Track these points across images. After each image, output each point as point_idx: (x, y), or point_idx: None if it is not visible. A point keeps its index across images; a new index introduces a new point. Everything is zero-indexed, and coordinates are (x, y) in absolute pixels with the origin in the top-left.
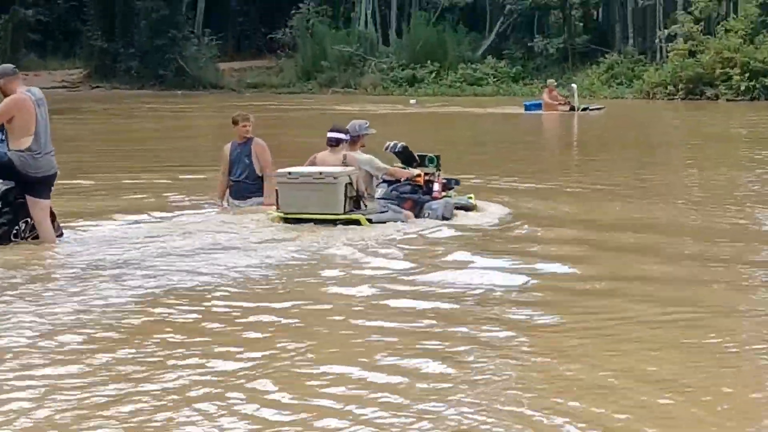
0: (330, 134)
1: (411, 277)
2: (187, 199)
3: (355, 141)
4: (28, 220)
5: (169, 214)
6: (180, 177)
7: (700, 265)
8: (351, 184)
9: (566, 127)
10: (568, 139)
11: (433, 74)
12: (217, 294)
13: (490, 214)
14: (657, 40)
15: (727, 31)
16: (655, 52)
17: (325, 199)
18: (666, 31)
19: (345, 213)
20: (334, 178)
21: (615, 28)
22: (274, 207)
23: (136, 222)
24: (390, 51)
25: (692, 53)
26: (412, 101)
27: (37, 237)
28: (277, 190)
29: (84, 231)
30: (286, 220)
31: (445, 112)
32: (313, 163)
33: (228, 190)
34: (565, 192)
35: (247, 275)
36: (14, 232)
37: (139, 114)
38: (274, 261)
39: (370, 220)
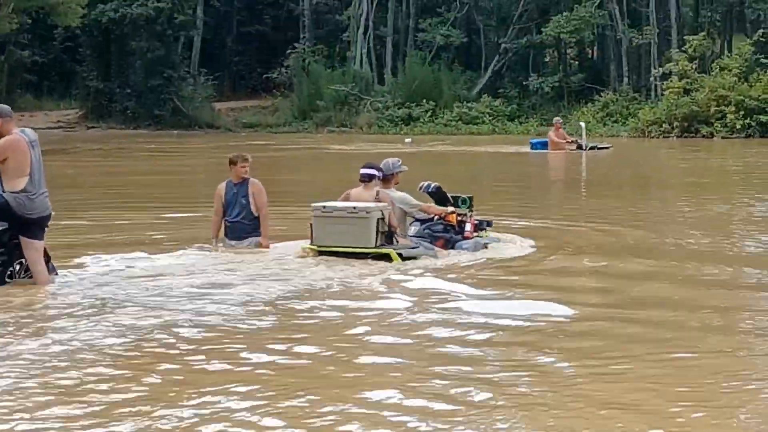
0: (363, 171)
1: (444, 306)
2: (181, 238)
3: (389, 179)
4: (23, 261)
5: (163, 254)
6: (174, 216)
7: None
8: (383, 219)
9: (578, 165)
10: (587, 178)
11: (429, 113)
12: (219, 331)
13: (518, 248)
14: (652, 79)
15: (721, 69)
16: (649, 91)
17: (357, 233)
18: (660, 70)
19: (376, 247)
20: (367, 212)
21: (610, 66)
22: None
23: (132, 261)
24: (385, 90)
25: (687, 91)
26: (407, 140)
27: (31, 278)
28: (311, 224)
29: (79, 270)
30: (320, 253)
31: (449, 151)
32: (347, 199)
33: (224, 230)
34: (588, 227)
35: (257, 308)
36: (9, 273)
37: (134, 154)
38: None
39: (400, 255)
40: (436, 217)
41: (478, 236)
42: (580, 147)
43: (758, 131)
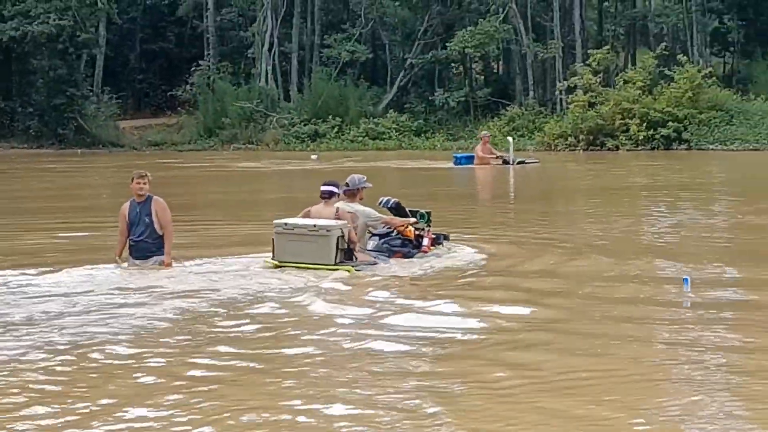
0: (323, 188)
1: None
2: (84, 257)
3: (354, 193)
4: None
5: (58, 272)
6: (76, 236)
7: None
8: (342, 236)
9: (518, 179)
10: (523, 191)
11: (335, 129)
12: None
13: (466, 259)
14: (557, 92)
15: (625, 82)
16: (555, 104)
17: (318, 250)
18: (565, 83)
19: (335, 264)
20: (327, 231)
21: (515, 80)
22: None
23: (32, 278)
24: (291, 107)
25: (592, 105)
26: (314, 156)
27: None
28: (273, 240)
29: None
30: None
31: (370, 167)
32: (307, 215)
33: (128, 250)
34: (531, 242)
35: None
36: None
37: (36, 173)
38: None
39: (359, 272)
40: (395, 232)
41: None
42: (506, 162)
43: (662, 143)
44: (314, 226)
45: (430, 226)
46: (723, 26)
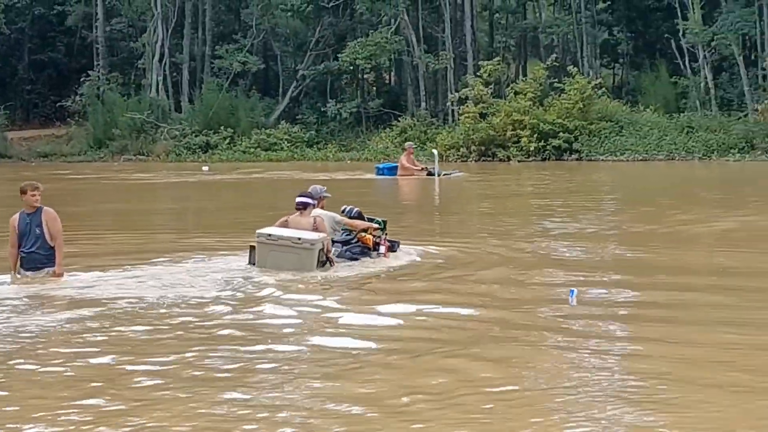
0: (299, 199)
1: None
2: None
3: (317, 202)
4: None
5: None
6: None
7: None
8: (323, 249)
9: (452, 189)
10: (458, 201)
11: (227, 140)
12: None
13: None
14: (448, 104)
15: (516, 93)
16: (447, 115)
17: (300, 261)
18: (457, 95)
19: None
20: (311, 244)
21: (407, 91)
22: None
23: None
24: (182, 118)
25: (483, 116)
26: (205, 168)
27: None
28: (254, 247)
29: None
30: None
31: (277, 178)
32: (284, 225)
33: (20, 261)
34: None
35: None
36: None
37: None
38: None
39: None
40: (355, 240)
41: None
42: (430, 174)
43: (553, 154)
44: (299, 239)
45: (386, 234)
46: (612, 38)
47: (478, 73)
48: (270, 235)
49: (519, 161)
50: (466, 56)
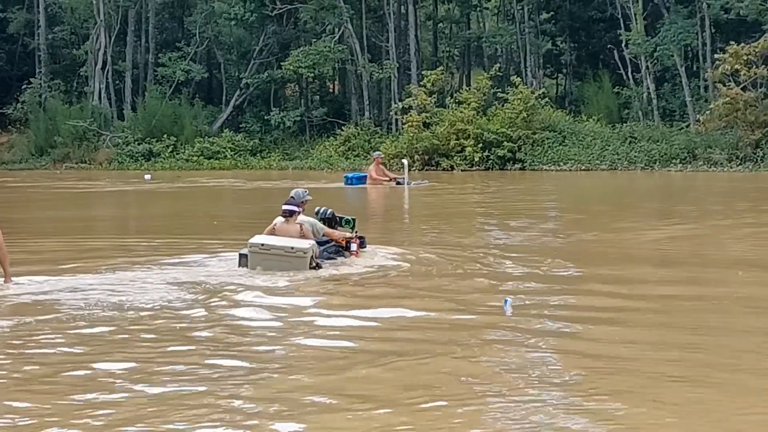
0: (285, 207)
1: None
2: None
3: (300, 205)
4: None
5: None
6: None
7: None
8: (313, 255)
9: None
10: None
11: (170, 148)
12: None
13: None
14: (392, 113)
15: (460, 103)
16: (390, 124)
17: (293, 267)
18: (400, 104)
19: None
20: (304, 252)
21: (351, 100)
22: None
23: None
24: (125, 125)
25: (427, 125)
26: (147, 176)
27: None
28: (245, 255)
29: None
30: None
31: (235, 187)
32: (272, 232)
33: None
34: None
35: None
36: None
37: None
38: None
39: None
40: (331, 241)
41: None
42: (399, 183)
43: (497, 164)
44: (292, 248)
45: (356, 231)
46: (556, 48)
47: (421, 83)
48: (263, 244)
49: (462, 170)
50: (409, 65)
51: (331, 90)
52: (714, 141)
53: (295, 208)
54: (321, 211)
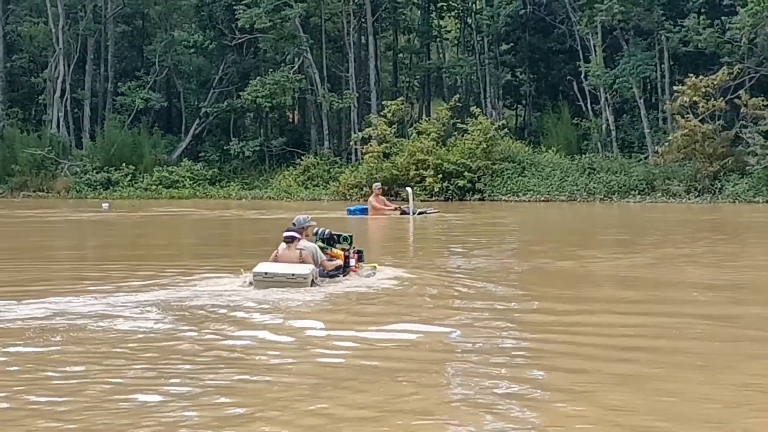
0: (286, 233)
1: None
2: None
3: (301, 231)
4: None
5: None
6: None
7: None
8: (314, 279)
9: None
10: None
11: (129, 177)
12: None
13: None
14: (352, 143)
15: (419, 133)
16: (350, 154)
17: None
18: (360, 134)
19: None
20: (304, 278)
21: (311, 130)
22: None
23: None
24: (84, 154)
25: (387, 155)
26: (105, 205)
27: None
28: (252, 283)
29: None
30: None
31: (220, 217)
32: (275, 258)
33: None
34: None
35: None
36: None
37: None
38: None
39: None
40: (329, 258)
41: (366, 266)
42: (404, 213)
43: (456, 194)
44: (293, 274)
45: (353, 246)
46: (515, 79)
47: (381, 113)
48: (266, 273)
49: (422, 201)
50: (369, 95)
51: (290, 119)
52: (672, 173)
53: (296, 234)
54: (320, 232)
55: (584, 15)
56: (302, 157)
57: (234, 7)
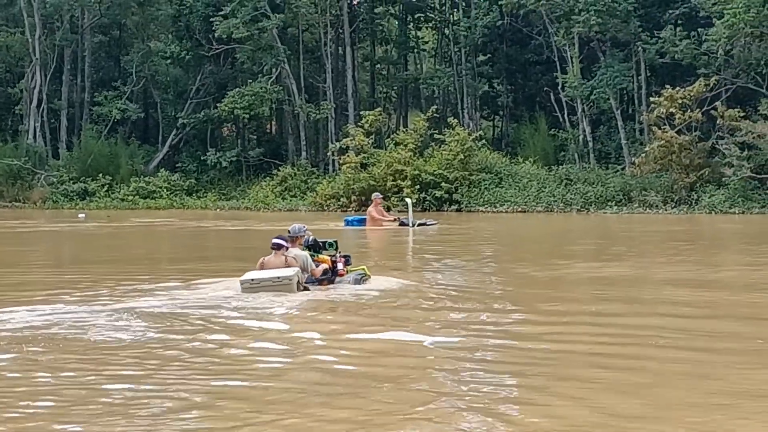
0: (274, 241)
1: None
2: None
3: (295, 240)
4: None
5: None
6: None
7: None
8: (299, 281)
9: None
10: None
11: (106, 188)
12: None
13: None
14: (329, 153)
15: (397, 144)
16: (327, 165)
17: (285, 293)
18: (338, 144)
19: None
20: (289, 279)
21: (288, 140)
22: None
23: None
24: (60, 164)
25: (364, 166)
26: (81, 215)
27: None
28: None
29: None
30: None
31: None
32: (262, 266)
33: None
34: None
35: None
36: None
37: None
38: None
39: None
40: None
41: (354, 270)
42: (403, 224)
43: (433, 205)
44: (278, 277)
45: (339, 251)
46: (492, 90)
47: (359, 123)
48: (252, 280)
49: (399, 211)
50: (347, 106)
51: (268, 130)
52: (649, 183)
53: (283, 243)
54: (304, 239)
55: (561, 26)
56: (279, 168)
57: (211, 18)
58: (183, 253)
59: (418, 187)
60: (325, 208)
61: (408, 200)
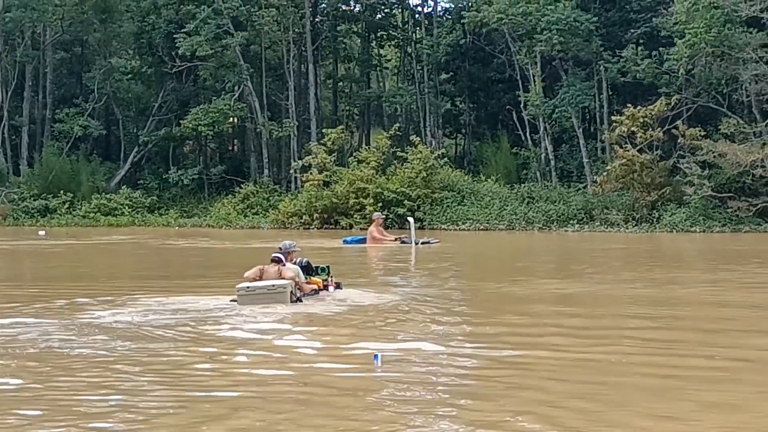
0: (274, 255)
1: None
2: None
3: (287, 255)
4: None
5: None
6: None
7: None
8: (293, 291)
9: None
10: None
11: (67, 205)
12: None
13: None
14: (291, 171)
15: (359, 162)
16: (290, 182)
17: (277, 302)
18: (300, 162)
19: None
20: (283, 288)
21: (251, 158)
22: None
23: None
24: (21, 181)
25: (327, 183)
26: (41, 233)
27: None
28: (236, 300)
29: None
30: None
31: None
32: (261, 272)
33: None
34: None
35: None
36: None
37: None
38: None
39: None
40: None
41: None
42: (404, 242)
43: (396, 222)
44: (273, 285)
45: (331, 276)
46: (455, 109)
47: (321, 141)
48: (248, 287)
49: (361, 229)
50: (309, 124)
51: (230, 148)
52: (611, 202)
53: (282, 257)
54: (298, 261)
55: (524, 45)
56: (242, 186)
57: (174, 35)
58: (145, 270)
59: (380, 204)
60: (288, 225)
61: (410, 219)
